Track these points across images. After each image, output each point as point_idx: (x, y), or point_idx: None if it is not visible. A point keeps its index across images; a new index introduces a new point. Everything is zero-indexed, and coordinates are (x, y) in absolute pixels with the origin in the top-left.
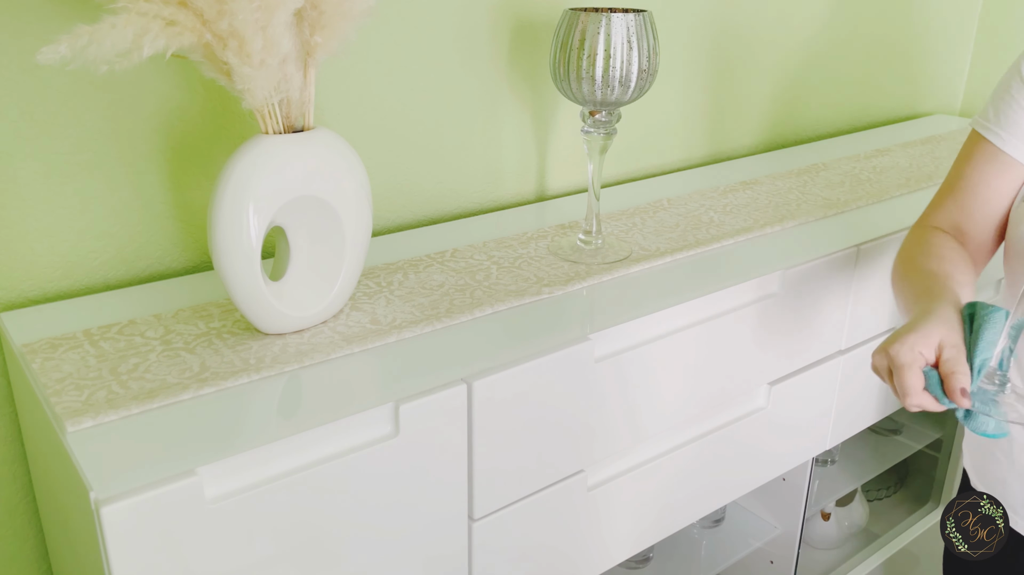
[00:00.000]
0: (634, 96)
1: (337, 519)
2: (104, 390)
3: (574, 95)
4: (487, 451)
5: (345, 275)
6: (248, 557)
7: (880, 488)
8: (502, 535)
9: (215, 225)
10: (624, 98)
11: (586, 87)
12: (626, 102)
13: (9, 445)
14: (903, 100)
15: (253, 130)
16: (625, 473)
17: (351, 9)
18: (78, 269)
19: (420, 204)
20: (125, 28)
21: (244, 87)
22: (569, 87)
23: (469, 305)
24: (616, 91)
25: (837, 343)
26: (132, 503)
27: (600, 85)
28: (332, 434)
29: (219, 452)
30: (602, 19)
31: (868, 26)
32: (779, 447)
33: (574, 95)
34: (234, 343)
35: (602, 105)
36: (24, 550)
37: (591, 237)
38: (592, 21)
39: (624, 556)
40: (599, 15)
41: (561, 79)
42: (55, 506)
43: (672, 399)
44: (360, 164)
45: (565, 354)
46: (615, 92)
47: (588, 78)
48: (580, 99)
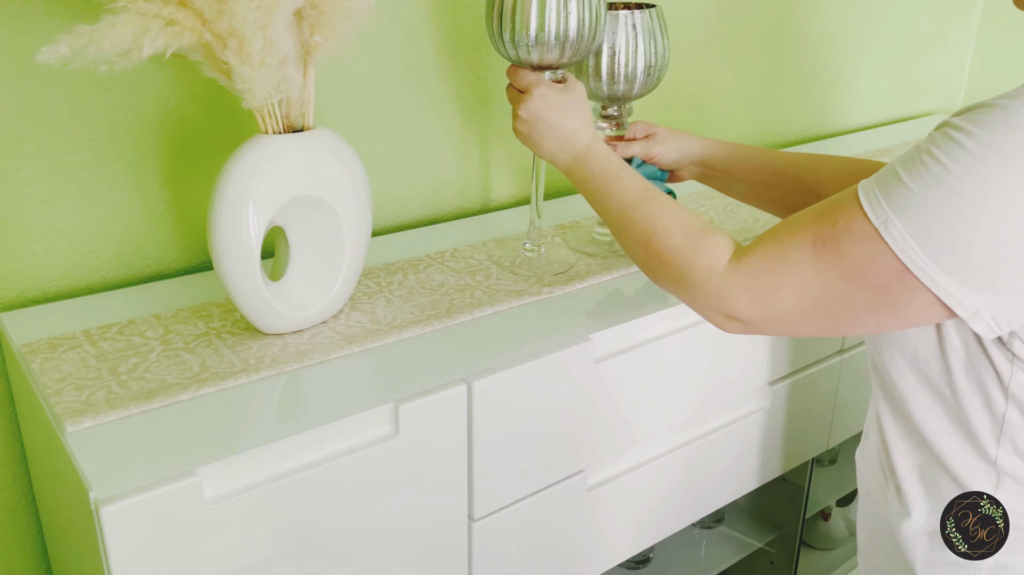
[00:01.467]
0: (640, 92)
1: (337, 519)
2: (104, 390)
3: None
4: (487, 451)
5: (345, 275)
6: (248, 557)
7: None
8: (502, 535)
9: (215, 225)
10: (631, 94)
11: (593, 83)
12: (633, 97)
13: (9, 445)
14: (903, 100)
15: (253, 130)
16: (625, 473)
17: (351, 9)
18: (78, 269)
19: (420, 204)
20: (125, 28)
21: (244, 87)
22: (587, 84)
23: (469, 305)
24: (622, 87)
25: (837, 343)
26: (132, 503)
27: (607, 82)
28: (332, 434)
29: (218, 452)
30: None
31: (868, 25)
32: (779, 447)
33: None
34: (234, 343)
35: (610, 100)
36: (24, 550)
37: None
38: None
39: (624, 556)
40: None
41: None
42: (55, 506)
43: (672, 399)
44: (360, 164)
45: (565, 354)
46: (621, 88)
47: (595, 74)
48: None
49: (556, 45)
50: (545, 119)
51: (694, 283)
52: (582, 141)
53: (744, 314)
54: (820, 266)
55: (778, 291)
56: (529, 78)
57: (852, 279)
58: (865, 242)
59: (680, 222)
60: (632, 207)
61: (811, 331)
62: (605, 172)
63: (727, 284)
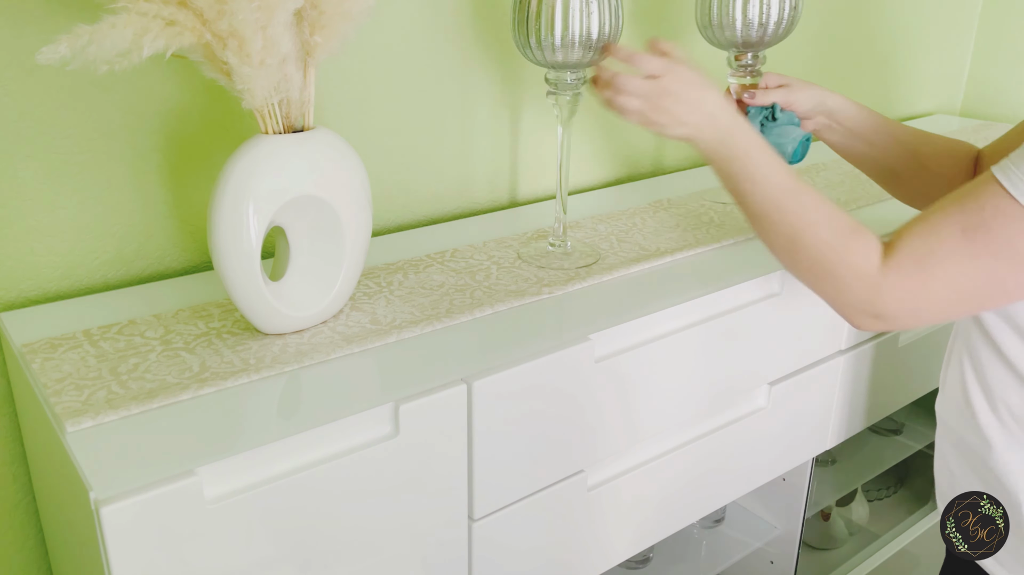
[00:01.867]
0: (774, 39)
1: (337, 519)
2: (104, 390)
3: (723, 40)
4: (487, 451)
5: (345, 275)
6: (248, 557)
7: (880, 488)
8: (502, 535)
9: (215, 225)
10: (765, 39)
11: (728, 31)
12: (767, 44)
13: (9, 445)
14: (903, 100)
15: (253, 130)
16: (625, 473)
17: (351, 9)
18: (78, 269)
19: (420, 204)
20: (125, 28)
21: (244, 87)
22: (718, 35)
23: (469, 305)
24: (755, 33)
25: (837, 343)
26: (132, 503)
27: (741, 28)
28: (332, 434)
29: (219, 452)
30: None
31: (868, 25)
32: (779, 447)
33: (723, 40)
34: (234, 343)
35: (744, 47)
36: (24, 550)
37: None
38: None
39: (624, 556)
40: None
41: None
42: (55, 506)
43: (672, 399)
44: (360, 164)
45: (565, 354)
46: (755, 34)
47: (729, 22)
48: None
49: (581, 46)
50: (689, 96)
51: (842, 282)
52: (727, 115)
53: (892, 312)
54: (973, 252)
55: (931, 285)
56: (656, 62)
57: (1006, 259)
58: (1015, 222)
59: (830, 218)
60: (781, 196)
61: (955, 317)
62: (750, 155)
63: (878, 285)
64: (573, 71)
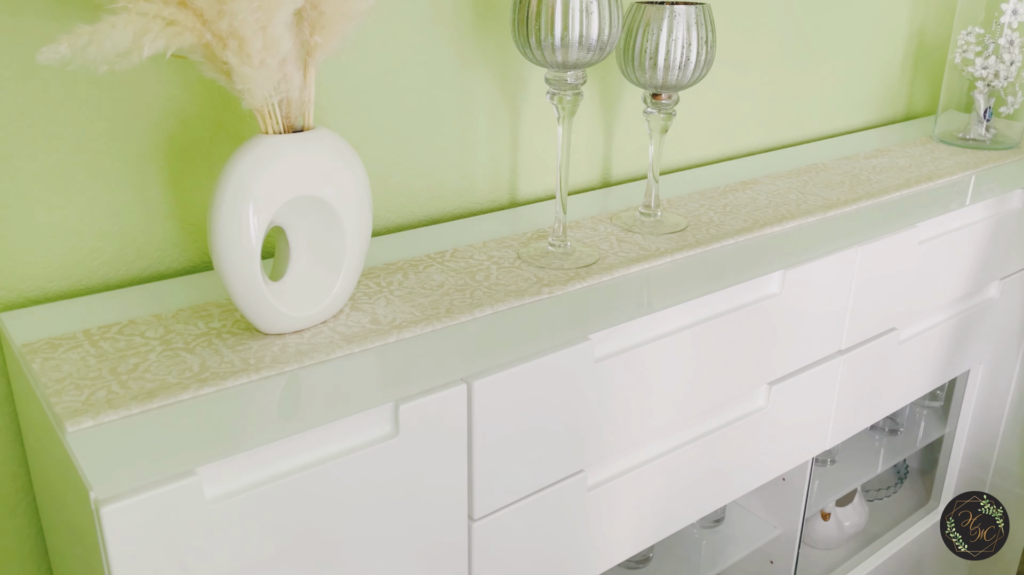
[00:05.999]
0: (691, 82)
1: (337, 519)
2: (104, 390)
3: (642, 80)
4: (487, 451)
5: (345, 275)
6: (248, 557)
7: (880, 488)
8: (502, 535)
9: (215, 225)
10: (683, 82)
11: (649, 73)
12: (684, 86)
13: (9, 445)
14: (903, 100)
15: (253, 130)
16: (625, 473)
17: (351, 9)
18: (78, 269)
19: (420, 204)
20: (125, 28)
21: (244, 87)
22: (632, 73)
23: (469, 305)
24: (675, 76)
25: (837, 343)
26: (132, 503)
27: (662, 70)
28: (332, 434)
29: (219, 452)
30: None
31: (868, 25)
32: (779, 447)
33: (642, 80)
34: (234, 343)
35: (663, 88)
36: (24, 550)
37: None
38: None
39: (624, 556)
40: (662, 8)
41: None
42: (55, 506)
43: (672, 399)
44: (360, 164)
45: (565, 354)
46: (674, 77)
47: (652, 65)
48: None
49: (581, 46)
50: None
51: None
52: None
53: None
54: None
55: None
56: None
57: None
58: None
59: None
60: None
61: None
62: None
63: None
64: (573, 71)
